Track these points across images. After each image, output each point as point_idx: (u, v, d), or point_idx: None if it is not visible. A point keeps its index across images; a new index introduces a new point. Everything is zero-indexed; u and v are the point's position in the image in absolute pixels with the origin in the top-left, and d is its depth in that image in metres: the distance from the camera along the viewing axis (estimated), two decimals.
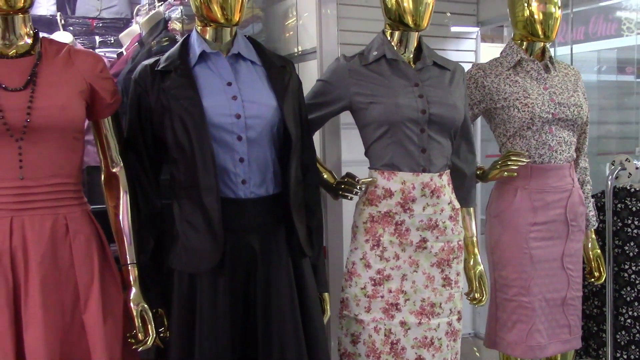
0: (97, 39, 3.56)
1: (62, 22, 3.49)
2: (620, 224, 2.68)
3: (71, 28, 3.49)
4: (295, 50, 2.71)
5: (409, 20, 2.08)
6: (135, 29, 3.21)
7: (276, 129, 1.90)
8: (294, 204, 1.91)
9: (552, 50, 2.52)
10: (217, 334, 1.81)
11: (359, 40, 2.46)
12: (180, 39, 2.33)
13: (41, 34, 1.83)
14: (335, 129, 2.47)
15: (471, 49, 3.71)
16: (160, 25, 2.75)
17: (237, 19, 1.87)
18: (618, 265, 2.68)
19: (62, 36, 3.44)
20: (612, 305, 2.69)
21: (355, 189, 2.07)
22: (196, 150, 1.79)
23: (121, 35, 3.25)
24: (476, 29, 3.45)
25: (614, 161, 2.73)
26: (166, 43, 2.56)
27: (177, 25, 2.65)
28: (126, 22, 3.64)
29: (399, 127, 2.04)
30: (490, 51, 5.22)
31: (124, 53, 3.10)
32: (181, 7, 2.61)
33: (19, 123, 1.64)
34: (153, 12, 2.79)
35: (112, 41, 3.54)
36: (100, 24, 3.58)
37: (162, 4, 2.83)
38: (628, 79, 5.77)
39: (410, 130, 2.05)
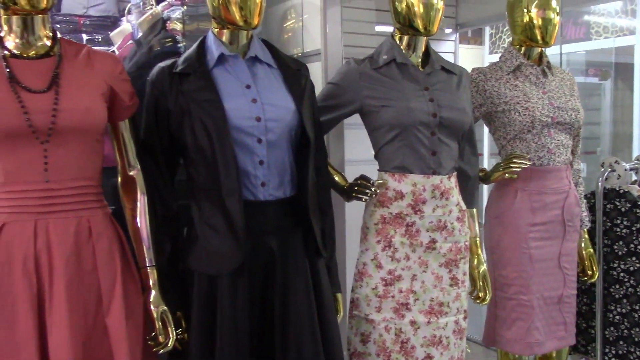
0: (85, 37, 3.51)
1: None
2: (609, 224, 2.77)
3: (58, 26, 3.43)
4: (295, 51, 2.72)
5: (420, 24, 2.11)
6: (127, 27, 3.18)
7: (294, 131, 1.92)
8: (311, 205, 1.93)
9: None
10: (237, 334, 1.82)
11: (362, 42, 2.49)
12: (180, 39, 2.32)
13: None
14: (339, 129, 2.49)
15: (450, 50, 3.79)
16: (158, 25, 2.73)
17: (256, 22, 1.88)
18: (607, 264, 2.78)
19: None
20: (601, 302, 2.78)
21: (369, 191, 2.10)
22: (217, 152, 1.80)
23: (112, 34, 3.22)
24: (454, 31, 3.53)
25: (603, 163, 2.82)
26: (169, 43, 2.55)
27: (177, 26, 2.64)
28: (114, 21, 3.60)
29: (411, 130, 2.08)
30: (469, 53, 5.33)
31: (116, 52, 3.07)
32: (183, 7, 2.60)
33: (44, 125, 1.62)
34: (150, 11, 2.77)
35: (100, 39, 3.49)
36: (88, 22, 3.52)
37: (159, 4, 2.80)
38: (593, 81, 5.95)
39: (422, 134, 2.09)
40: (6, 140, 1.61)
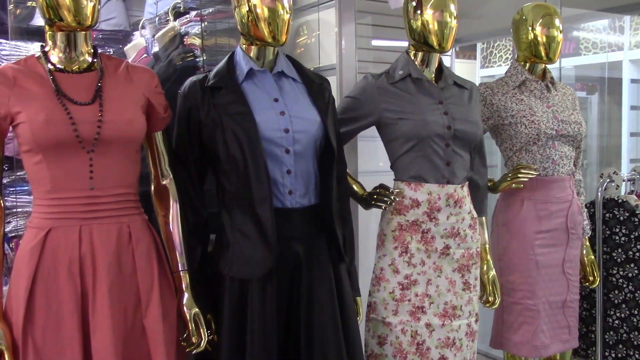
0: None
1: None
2: (608, 232, 2.90)
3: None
4: (309, 66, 2.83)
5: (434, 41, 2.23)
6: (141, 41, 3.27)
7: (319, 142, 2.02)
8: (335, 213, 2.03)
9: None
10: (267, 337, 1.91)
11: (374, 57, 2.60)
12: (199, 53, 2.43)
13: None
14: (353, 141, 2.59)
15: (446, 64, 3.92)
16: (176, 40, 2.83)
17: (284, 39, 1.98)
18: (607, 270, 2.90)
19: None
20: (601, 307, 2.90)
21: (389, 199, 2.20)
22: (249, 162, 1.89)
23: (126, 47, 3.30)
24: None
25: (602, 174, 2.95)
26: (190, 58, 2.64)
27: (196, 41, 2.74)
28: (125, 35, 3.67)
29: (427, 142, 2.19)
30: (461, 67, 5.47)
31: None
32: (202, 23, 2.70)
33: (90, 135, 1.71)
34: (168, 26, 2.87)
35: (112, 52, 3.57)
36: (100, 36, 3.59)
37: (176, 20, 2.90)
38: (581, 95, 6.12)
39: (437, 145, 2.20)
40: (55, 150, 1.69)
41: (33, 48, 3.55)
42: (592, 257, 2.80)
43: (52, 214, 1.73)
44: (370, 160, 2.71)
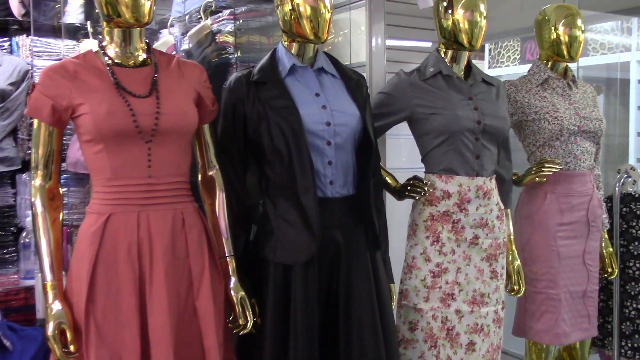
0: None
1: (91, 30, 3.61)
2: (625, 226, 3.00)
3: (100, 37, 3.60)
4: None
5: (464, 40, 2.33)
6: (169, 39, 3.37)
7: (357, 135, 2.12)
8: (373, 202, 2.13)
9: None
10: (309, 320, 2.01)
11: (402, 57, 2.71)
12: (232, 51, 2.53)
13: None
14: (382, 138, 2.69)
15: None
16: (209, 37, 2.93)
17: (326, 37, 2.08)
18: (623, 263, 3.00)
19: (92, 44, 3.57)
20: (618, 298, 3.00)
21: (423, 190, 2.30)
22: (293, 154, 1.99)
23: (155, 45, 3.39)
24: None
25: (619, 169, 3.05)
26: (224, 55, 2.75)
27: (229, 38, 2.84)
28: (152, 32, 3.78)
29: (458, 136, 2.29)
30: None
31: None
32: (236, 21, 2.79)
33: (148, 126, 1.81)
34: (201, 24, 2.97)
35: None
36: None
37: (208, 18, 3.00)
38: None
39: (467, 139, 2.30)
40: (115, 140, 1.79)
41: (63, 45, 3.67)
42: (611, 249, 2.90)
43: (111, 200, 1.82)
44: (394, 156, 2.81)
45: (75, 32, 3.80)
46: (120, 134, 1.79)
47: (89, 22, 3.65)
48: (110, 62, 1.89)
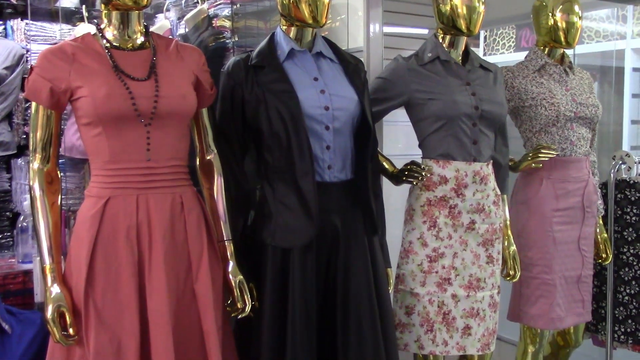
0: None
1: (87, 14, 3.59)
2: (620, 212, 3.02)
3: (95, 21, 3.59)
4: None
5: (462, 25, 2.33)
6: (165, 24, 3.35)
7: (356, 120, 2.12)
8: (370, 187, 2.14)
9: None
10: (307, 303, 2.02)
11: (399, 44, 2.71)
12: (229, 35, 2.52)
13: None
14: (379, 125, 2.69)
15: None
16: (205, 22, 2.92)
17: (324, 21, 2.07)
18: (617, 249, 3.02)
19: (88, 29, 3.55)
20: (612, 284, 3.02)
21: (421, 175, 2.31)
22: (292, 138, 1.99)
23: (152, 29, 3.37)
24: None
25: (614, 156, 3.07)
26: (222, 39, 2.74)
27: (226, 23, 2.82)
28: (148, 17, 3.76)
29: (455, 121, 2.30)
30: None
31: None
32: (233, 5, 2.78)
33: (147, 110, 1.81)
34: (198, 9, 2.95)
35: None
36: None
37: (204, 2, 2.98)
38: None
39: (465, 124, 2.31)
40: (114, 123, 1.79)
41: (58, 29, 3.65)
42: (605, 235, 2.92)
43: (110, 183, 1.82)
44: (390, 143, 2.81)
45: (71, 16, 3.78)
46: (119, 117, 1.78)
47: (84, 6, 3.63)
48: (108, 45, 1.88)
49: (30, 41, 3.58)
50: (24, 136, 3.55)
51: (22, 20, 3.57)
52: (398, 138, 2.91)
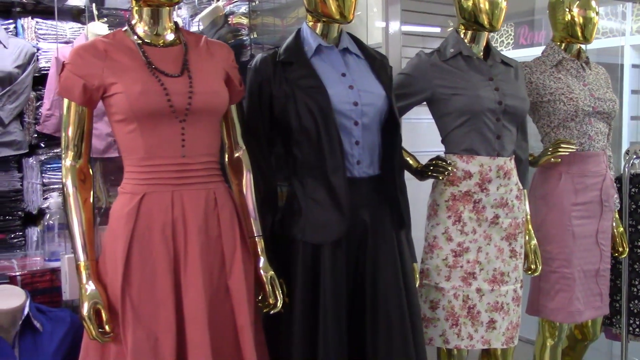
0: None
1: (97, 12, 3.58)
2: (634, 206, 3.04)
3: (105, 19, 3.59)
4: None
5: (485, 20, 2.34)
6: (178, 21, 3.35)
7: (383, 115, 2.13)
8: (398, 182, 2.15)
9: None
10: (338, 298, 2.03)
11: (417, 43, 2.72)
12: (246, 32, 2.52)
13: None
14: None
15: None
16: (221, 19, 2.92)
17: (352, 17, 2.08)
18: (632, 243, 3.04)
19: (99, 27, 3.54)
20: (627, 277, 3.04)
21: (447, 170, 2.32)
22: (322, 134, 2.00)
23: None
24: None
25: (628, 150, 3.09)
26: (239, 37, 2.74)
27: (243, 20, 2.82)
28: None
29: (480, 116, 2.31)
30: None
31: None
32: (251, 3, 2.78)
33: (182, 106, 1.81)
34: (213, 6, 2.95)
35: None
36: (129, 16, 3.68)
37: (219, 0, 2.99)
38: None
39: (489, 119, 2.32)
40: (149, 119, 1.78)
41: (68, 27, 3.63)
42: (622, 229, 2.94)
43: (145, 180, 1.82)
44: (412, 140, 2.82)
45: (79, 15, 3.77)
46: (154, 113, 1.78)
47: (94, 5, 3.62)
48: (140, 41, 1.88)
49: (40, 39, 3.57)
50: (35, 135, 3.54)
51: (32, 18, 3.56)
52: (420, 136, 2.92)
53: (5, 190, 3.42)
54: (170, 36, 1.92)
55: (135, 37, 1.89)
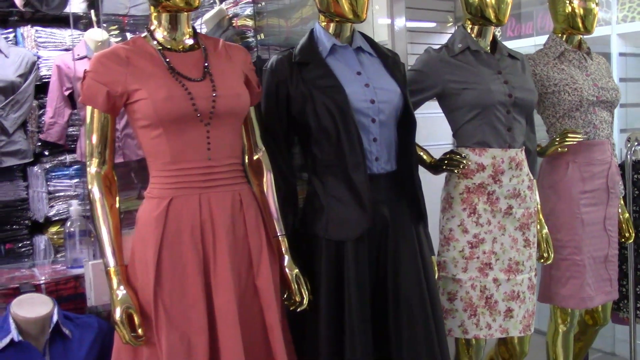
0: (129, 35, 3.67)
1: (96, 19, 3.58)
2: (637, 192, 3.10)
3: (105, 25, 3.59)
4: None
5: (491, 15, 2.37)
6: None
7: (399, 112, 2.16)
8: (416, 177, 2.18)
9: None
10: (362, 293, 2.06)
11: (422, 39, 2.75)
12: (252, 34, 2.54)
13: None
14: None
15: None
16: (225, 21, 2.93)
17: (365, 16, 2.11)
18: (636, 228, 3.10)
19: (98, 33, 3.55)
20: (633, 262, 3.10)
21: (462, 163, 2.35)
22: (341, 132, 2.02)
23: None
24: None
25: (629, 138, 3.15)
26: (246, 38, 2.75)
27: (248, 22, 2.83)
28: None
29: (491, 109, 2.35)
30: None
31: None
32: (256, 5, 2.80)
33: (206, 109, 1.83)
34: (216, 9, 2.96)
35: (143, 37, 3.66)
36: (132, 21, 3.69)
37: (222, 3, 2.99)
38: None
39: (499, 112, 2.36)
40: (175, 124, 1.80)
41: (68, 35, 3.63)
42: (627, 215, 3.00)
43: (172, 184, 1.83)
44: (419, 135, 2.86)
45: (76, 22, 3.77)
46: (180, 118, 1.80)
47: (92, 11, 3.62)
48: (160, 47, 1.89)
49: (40, 48, 3.56)
50: (39, 144, 3.53)
51: (31, 27, 3.55)
52: (424, 130, 2.95)
53: (12, 199, 3.42)
54: (189, 41, 1.94)
55: (155, 42, 1.90)
